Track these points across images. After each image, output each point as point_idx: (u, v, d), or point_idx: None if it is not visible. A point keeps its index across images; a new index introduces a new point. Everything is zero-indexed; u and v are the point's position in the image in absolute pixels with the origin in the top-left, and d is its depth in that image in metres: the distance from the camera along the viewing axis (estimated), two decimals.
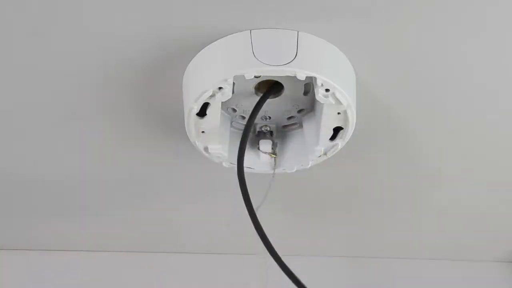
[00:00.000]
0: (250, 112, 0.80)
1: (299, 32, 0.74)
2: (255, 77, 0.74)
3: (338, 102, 0.75)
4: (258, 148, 0.85)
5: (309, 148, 0.83)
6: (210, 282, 1.22)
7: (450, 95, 0.85)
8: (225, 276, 1.23)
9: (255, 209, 0.76)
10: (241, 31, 0.74)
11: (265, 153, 0.85)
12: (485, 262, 1.27)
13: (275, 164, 0.85)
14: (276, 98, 0.81)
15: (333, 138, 0.81)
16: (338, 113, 0.77)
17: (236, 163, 0.81)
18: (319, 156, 0.83)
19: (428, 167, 0.99)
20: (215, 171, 0.91)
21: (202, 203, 1.07)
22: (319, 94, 0.75)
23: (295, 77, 0.73)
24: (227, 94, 0.75)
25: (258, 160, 0.84)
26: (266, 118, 0.84)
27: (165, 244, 1.20)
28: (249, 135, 0.80)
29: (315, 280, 0.79)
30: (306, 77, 0.73)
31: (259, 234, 0.76)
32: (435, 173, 1.01)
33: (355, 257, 1.24)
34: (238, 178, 0.78)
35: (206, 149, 0.82)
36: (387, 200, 1.07)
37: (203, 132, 0.80)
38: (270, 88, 0.79)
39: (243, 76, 0.73)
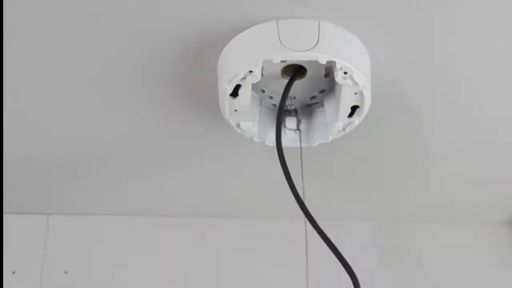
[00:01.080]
0: (278, 92, 0.84)
1: (320, 21, 0.78)
2: (281, 61, 0.77)
3: (355, 83, 0.79)
4: (284, 126, 0.88)
5: (330, 125, 0.86)
6: (246, 247, 1.24)
7: (455, 81, 0.88)
8: (262, 241, 1.24)
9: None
10: (269, 21, 0.78)
11: (291, 129, 0.89)
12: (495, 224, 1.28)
13: (300, 139, 0.89)
14: (301, 80, 0.84)
15: (350, 115, 0.84)
16: (355, 93, 0.81)
17: (265, 138, 0.87)
18: (338, 132, 0.86)
19: (435, 141, 1.01)
20: (247, 145, 0.94)
21: (239, 172, 1.09)
22: (338, 76, 0.78)
23: (316, 61, 0.76)
24: (256, 76, 0.78)
25: (284, 136, 0.87)
26: (291, 98, 0.87)
27: (209, 209, 1.22)
28: (282, 113, 0.84)
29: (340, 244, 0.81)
30: (327, 61, 0.76)
31: (297, 200, 0.80)
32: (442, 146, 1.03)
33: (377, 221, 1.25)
34: (277, 151, 0.82)
35: (238, 125, 0.86)
36: (396, 168, 1.10)
37: (235, 110, 0.83)
38: (295, 71, 0.82)
39: (271, 60, 0.76)
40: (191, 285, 1.23)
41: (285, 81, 0.84)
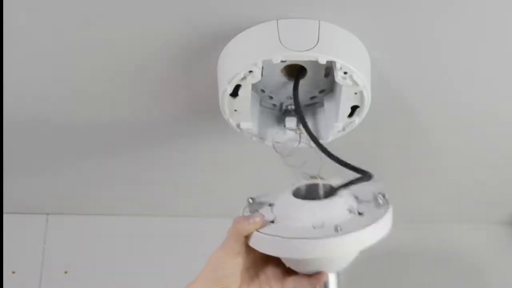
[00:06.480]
0: (278, 92, 0.85)
1: (320, 21, 0.78)
2: (281, 61, 0.77)
3: (355, 83, 0.79)
4: (284, 126, 0.88)
5: (329, 125, 0.86)
6: None
7: (454, 80, 0.89)
8: None
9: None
10: (269, 21, 0.78)
11: (291, 129, 0.88)
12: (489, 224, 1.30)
13: (300, 139, 0.88)
14: (301, 80, 0.83)
15: (350, 115, 0.84)
16: (355, 93, 0.81)
17: (265, 138, 0.88)
18: (338, 132, 0.87)
19: (434, 141, 1.03)
20: (246, 145, 0.94)
21: (239, 172, 1.11)
22: (338, 76, 0.78)
23: (317, 61, 0.76)
24: (256, 76, 0.78)
25: (284, 135, 0.88)
26: (291, 98, 0.85)
27: (209, 209, 1.23)
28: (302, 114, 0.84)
29: None
30: (327, 61, 0.76)
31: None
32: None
33: None
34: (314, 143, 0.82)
35: (238, 125, 0.86)
36: (397, 168, 1.11)
37: (235, 110, 0.84)
38: (298, 72, 0.83)
39: (271, 60, 0.76)
40: None
41: (285, 81, 0.85)
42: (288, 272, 0.77)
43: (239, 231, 0.75)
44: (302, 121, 0.83)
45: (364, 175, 0.76)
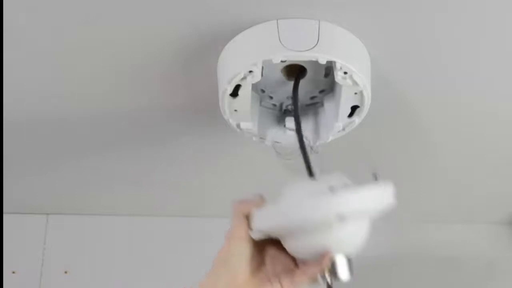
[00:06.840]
0: (278, 92, 0.86)
1: (320, 21, 0.78)
2: (281, 61, 0.77)
3: (355, 83, 0.79)
4: (284, 125, 0.88)
5: (330, 124, 0.86)
6: None
7: (454, 80, 0.89)
8: None
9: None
10: (269, 21, 0.78)
11: (291, 129, 0.87)
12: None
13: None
14: (301, 80, 0.83)
15: (350, 115, 0.85)
16: (355, 93, 0.81)
17: (265, 138, 0.88)
18: (338, 132, 0.87)
19: (434, 142, 1.03)
20: (246, 145, 0.94)
21: (239, 172, 1.12)
22: (338, 76, 0.78)
23: (317, 61, 0.76)
24: (256, 76, 0.78)
25: (284, 135, 0.88)
26: (291, 98, 0.85)
27: (208, 209, 1.24)
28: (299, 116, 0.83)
29: None
30: (327, 61, 0.76)
31: None
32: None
33: None
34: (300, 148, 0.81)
35: (238, 125, 0.86)
36: (397, 168, 1.10)
37: (235, 110, 0.84)
38: (298, 72, 0.82)
39: (271, 60, 0.76)
40: (191, 285, 1.23)
41: (285, 80, 0.85)
42: (296, 264, 0.77)
43: (239, 210, 0.76)
44: (296, 120, 0.83)
45: None
